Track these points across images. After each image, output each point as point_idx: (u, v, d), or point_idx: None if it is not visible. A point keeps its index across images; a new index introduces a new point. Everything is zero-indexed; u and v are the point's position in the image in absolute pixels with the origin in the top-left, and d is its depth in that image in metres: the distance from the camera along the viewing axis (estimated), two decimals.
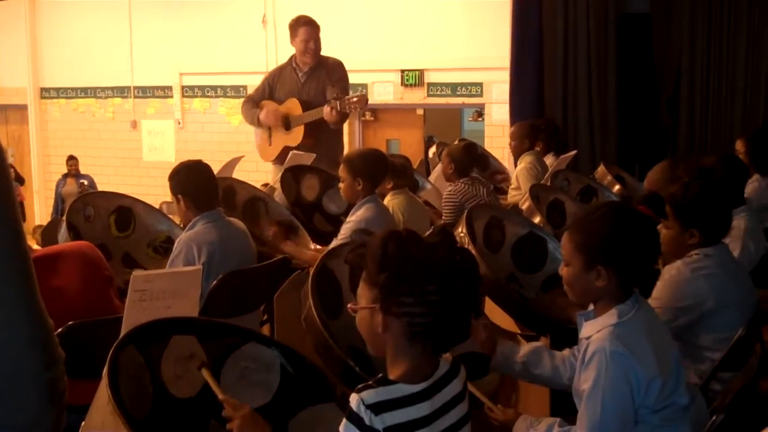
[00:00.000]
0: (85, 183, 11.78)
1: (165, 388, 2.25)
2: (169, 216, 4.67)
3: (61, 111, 12.89)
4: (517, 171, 6.54)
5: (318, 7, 8.59)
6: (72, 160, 12.10)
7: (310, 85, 6.38)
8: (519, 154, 6.68)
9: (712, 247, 3.07)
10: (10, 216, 1.13)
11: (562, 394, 2.41)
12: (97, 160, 12.42)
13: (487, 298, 3.55)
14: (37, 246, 5.10)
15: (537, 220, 4.23)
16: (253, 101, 6.59)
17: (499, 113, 9.86)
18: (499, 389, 2.73)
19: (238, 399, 2.36)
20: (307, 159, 5.61)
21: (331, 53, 6.58)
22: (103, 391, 1.93)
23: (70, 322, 2.89)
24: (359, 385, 1.77)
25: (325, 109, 6.01)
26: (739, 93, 7.94)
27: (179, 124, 12.04)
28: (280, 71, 6.61)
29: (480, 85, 10.21)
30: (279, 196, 5.13)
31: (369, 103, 7.90)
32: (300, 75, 6.43)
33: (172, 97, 12.06)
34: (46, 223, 7.15)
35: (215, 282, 3.54)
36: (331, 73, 6.36)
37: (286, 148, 6.21)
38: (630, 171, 7.03)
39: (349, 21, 10.44)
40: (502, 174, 7.51)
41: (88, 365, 2.17)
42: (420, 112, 11.13)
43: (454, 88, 10.38)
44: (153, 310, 2.44)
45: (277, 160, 6.40)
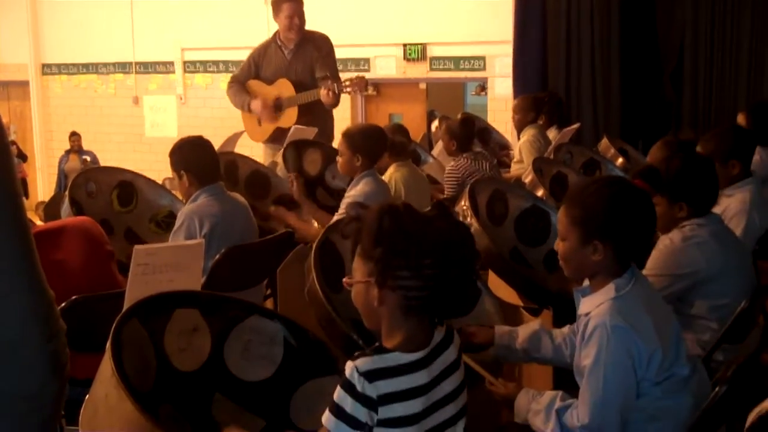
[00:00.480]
0: (88, 159, 11.78)
1: (168, 362, 2.25)
2: (172, 191, 4.67)
3: (62, 87, 12.86)
4: (520, 144, 6.52)
5: None
6: (75, 136, 12.09)
7: (297, 63, 6.22)
8: (522, 128, 6.65)
9: (703, 218, 3.08)
10: (10, 189, 1.12)
11: (566, 368, 2.41)
12: (100, 136, 12.40)
13: (490, 272, 3.56)
14: (40, 222, 5.10)
15: (540, 193, 4.22)
16: (239, 82, 6.42)
17: (502, 87, 9.83)
18: (501, 363, 2.73)
19: (242, 372, 2.37)
20: (310, 133, 5.59)
21: (333, 28, 6.50)
22: (106, 364, 1.93)
23: (74, 297, 2.89)
24: (355, 353, 1.77)
25: (321, 92, 5.92)
26: (743, 67, 7.89)
27: (181, 99, 12.01)
28: (264, 49, 6.40)
29: (483, 59, 10.16)
30: (281, 171, 5.12)
31: (371, 78, 7.86)
32: (286, 52, 6.25)
33: (174, 72, 12.01)
34: (48, 199, 7.14)
35: (218, 256, 3.54)
36: (319, 49, 6.20)
37: (278, 129, 6.17)
38: (633, 145, 7.00)
39: None
40: (504, 148, 7.49)
41: (92, 339, 2.17)
42: (423, 87, 11.10)
43: (457, 62, 10.33)
44: (155, 284, 2.44)
45: (269, 140, 6.34)
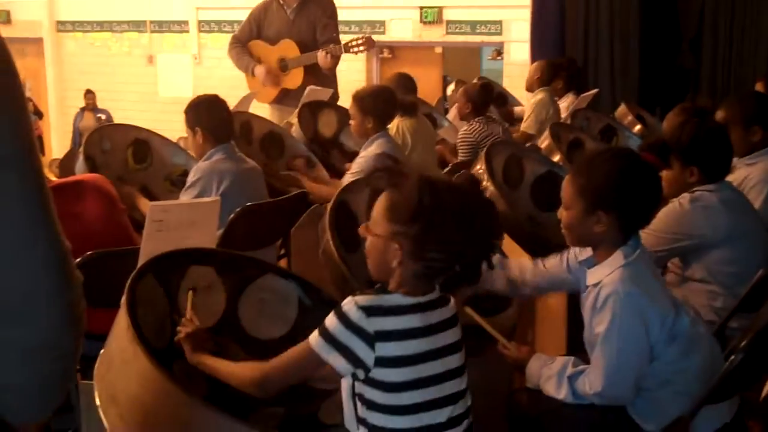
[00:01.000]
0: (103, 117, 11.78)
1: (183, 318, 2.26)
2: (186, 150, 4.66)
3: (77, 44, 12.83)
4: (529, 103, 6.50)
5: None
6: (90, 94, 12.08)
7: (300, 22, 6.12)
8: (532, 89, 6.62)
9: (715, 184, 3.06)
10: (26, 140, 1.11)
11: (580, 331, 2.41)
12: (114, 95, 12.39)
13: (506, 236, 3.55)
14: (55, 178, 5.11)
15: (557, 158, 4.19)
16: (241, 43, 6.32)
17: (518, 52, 9.75)
18: (515, 327, 2.73)
19: (256, 330, 2.38)
20: (325, 94, 5.56)
21: None
22: (121, 319, 1.94)
23: (89, 252, 2.90)
24: (356, 292, 1.80)
25: (319, 54, 5.84)
26: (763, 36, 7.79)
27: (196, 59, 11.97)
28: (265, 7, 6.28)
29: (500, 23, 10.08)
30: (296, 132, 5.10)
31: (387, 41, 7.78)
32: (288, 11, 6.14)
33: (188, 31, 11.96)
34: (63, 156, 7.15)
35: (232, 215, 3.53)
36: (323, 10, 6.10)
37: (284, 90, 6.13)
38: (651, 112, 6.95)
39: None
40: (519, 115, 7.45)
41: (107, 295, 2.17)
42: (438, 51, 11.02)
43: (474, 26, 10.25)
44: (171, 241, 2.44)
45: (275, 101, 6.29)
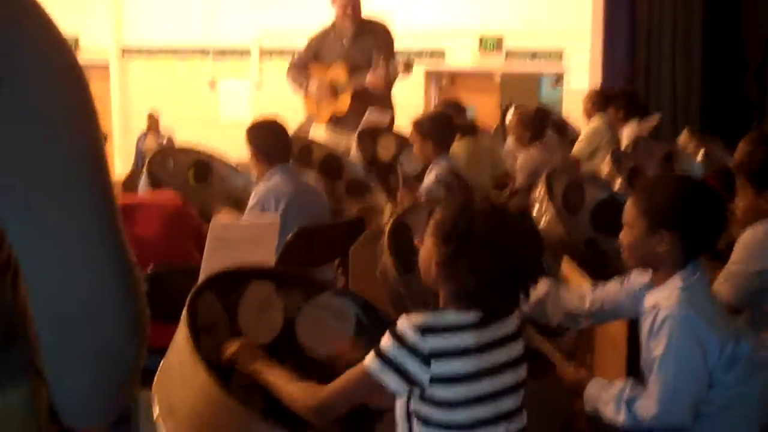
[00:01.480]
0: (165, 140, 11.94)
1: (242, 334, 2.27)
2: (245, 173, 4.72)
3: (141, 69, 13.08)
4: (585, 129, 6.50)
5: None
6: (152, 117, 12.28)
7: (355, 52, 6.15)
8: (589, 116, 6.64)
9: None
10: (93, 147, 1.13)
11: (639, 357, 2.37)
12: (176, 119, 12.58)
13: (564, 261, 3.52)
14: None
15: (617, 185, 4.15)
16: (299, 66, 6.40)
17: (578, 80, 9.69)
18: (575, 349, 2.70)
19: (313, 348, 2.38)
20: (385, 118, 5.59)
21: (409, 16, 6.47)
22: (181, 333, 1.96)
23: (149, 269, 2.94)
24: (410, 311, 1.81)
25: (368, 76, 5.90)
26: None
27: (256, 85, 12.12)
28: (324, 35, 6.35)
29: (560, 52, 10.03)
30: (354, 156, 5.14)
31: (446, 69, 7.78)
32: (344, 41, 6.18)
33: (249, 58, 12.12)
34: (126, 176, 7.28)
35: (291, 235, 3.57)
36: (378, 39, 6.13)
37: (333, 116, 6.18)
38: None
39: None
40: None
41: (167, 309, 2.19)
42: (497, 79, 11.01)
43: (533, 55, 10.22)
44: (231, 258, 2.47)
45: (331, 124, 6.34)
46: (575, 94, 9.67)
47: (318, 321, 2.40)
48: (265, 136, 4.04)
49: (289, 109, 10.16)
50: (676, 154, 5.65)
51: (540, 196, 3.40)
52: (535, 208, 3.42)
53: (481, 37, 10.35)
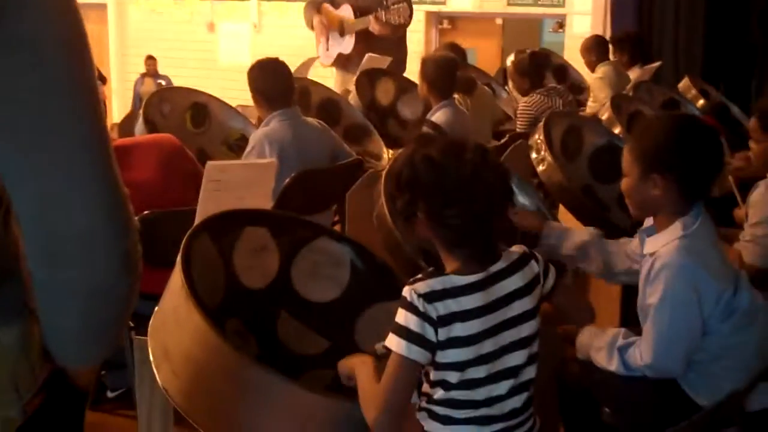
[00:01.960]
0: (163, 83, 11.86)
1: (237, 278, 2.28)
2: (244, 115, 4.69)
3: (139, 11, 12.94)
4: (591, 82, 6.40)
5: None
6: (151, 59, 12.17)
7: None
8: (593, 68, 6.54)
9: None
10: (85, 78, 1.11)
11: (634, 304, 2.37)
12: (174, 62, 12.47)
13: (561, 208, 3.51)
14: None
15: (617, 130, 4.12)
16: (314, 4, 6.49)
17: (580, 24, 9.58)
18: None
19: (308, 292, 2.38)
20: (383, 62, 5.54)
21: None
22: (176, 277, 1.96)
23: (145, 212, 2.93)
24: (410, 279, 1.78)
25: (370, 19, 5.89)
26: None
27: (256, 27, 11.99)
28: None
29: None
30: (354, 99, 5.10)
31: (447, 12, 7.70)
32: None
33: None
34: (122, 118, 7.25)
35: (288, 180, 3.55)
36: None
37: (340, 55, 6.16)
38: (715, 87, 6.79)
39: None
40: (581, 88, 7.34)
41: (163, 255, 2.19)
42: (499, 22, 10.89)
43: None
44: (226, 201, 2.46)
45: (336, 65, 6.34)
46: (577, 39, 9.58)
47: (313, 266, 2.40)
48: (265, 79, 3.93)
49: (289, 51, 10.10)
50: (677, 100, 5.61)
51: (538, 143, 3.37)
52: (533, 155, 3.40)
53: None
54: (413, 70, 5.24)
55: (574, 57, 8.74)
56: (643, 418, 2.29)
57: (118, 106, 13.18)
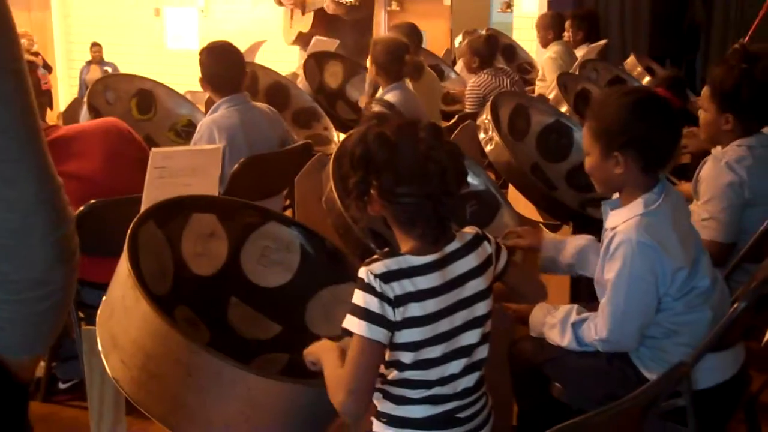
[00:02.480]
0: (109, 70, 11.70)
1: (185, 266, 2.26)
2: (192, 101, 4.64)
3: None
4: (543, 61, 6.43)
5: None
6: (96, 46, 12.00)
7: None
8: (546, 45, 6.58)
9: (753, 137, 2.93)
10: (11, 64, 1.08)
11: (584, 281, 2.39)
12: (120, 48, 12.30)
13: (510, 187, 3.53)
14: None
15: (564, 109, 4.15)
16: None
17: (528, 4, 9.62)
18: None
19: (258, 278, 2.37)
20: (331, 45, 5.52)
21: None
22: (123, 265, 1.93)
23: (92, 201, 2.89)
24: (366, 260, 1.77)
25: None
26: None
27: (203, 11, 11.87)
28: None
29: None
30: (302, 83, 5.07)
31: None
32: None
33: None
34: (67, 106, 7.14)
35: (237, 166, 3.52)
36: None
37: (301, 33, 6.16)
38: (661, 64, 6.87)
39: None
40: (529, 67, 7.38)
41: (110, 243, 2.17)
42: (447, 3, 10.90)
43: None
44: (173, 188, 2.43)
45: (297, 43, 6.34)
46: (525, 19, 9.61)
47: (263, 251, 2.39)
48: (214, 64, 3.81)
49: (237, 36, 10.02)
50: (623, 78, 5.66)
51: (486, 123, 3.38)
52: (481, 135, 3.41)
53: None
54: None
55: (522, 37, 8.79)
56: (594, 394, 2.31)
57: (64, 94, 12.98)
